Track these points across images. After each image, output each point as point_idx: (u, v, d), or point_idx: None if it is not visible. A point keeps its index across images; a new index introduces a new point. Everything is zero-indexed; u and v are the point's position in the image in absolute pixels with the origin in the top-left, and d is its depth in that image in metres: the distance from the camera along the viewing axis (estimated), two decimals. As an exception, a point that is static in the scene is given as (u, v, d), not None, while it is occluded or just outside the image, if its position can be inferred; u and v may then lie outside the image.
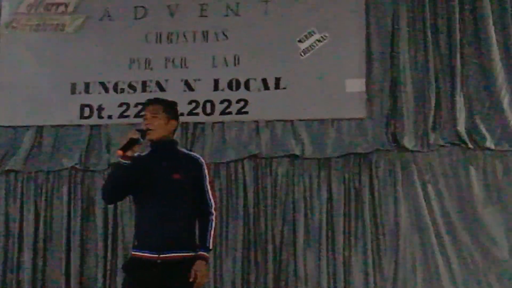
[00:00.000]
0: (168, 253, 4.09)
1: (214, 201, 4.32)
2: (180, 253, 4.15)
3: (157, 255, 4.08)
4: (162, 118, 4.26)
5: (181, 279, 4.12)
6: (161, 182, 4.19)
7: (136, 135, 4.10)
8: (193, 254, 4.23)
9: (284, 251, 6.03)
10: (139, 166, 4.21)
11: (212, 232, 4.25)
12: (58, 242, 6.19)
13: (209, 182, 4.39)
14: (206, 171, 4.40)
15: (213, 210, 4.28)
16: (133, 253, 4.24)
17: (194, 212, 4.38)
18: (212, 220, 4.25)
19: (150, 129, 4.17)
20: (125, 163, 4.12)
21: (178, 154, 4.37)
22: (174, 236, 4.16)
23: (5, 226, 6.24)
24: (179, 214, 4.20)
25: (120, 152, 4.07)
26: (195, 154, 4.61)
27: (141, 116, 4.46)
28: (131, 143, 4.08)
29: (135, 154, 4.23)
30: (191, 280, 4.03)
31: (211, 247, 4.22)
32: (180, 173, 4.21)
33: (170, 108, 4.35)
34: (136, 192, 4.31)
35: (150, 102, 4.48)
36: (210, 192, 4.36)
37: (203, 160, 4.46)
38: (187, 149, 4.85)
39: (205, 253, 4.16)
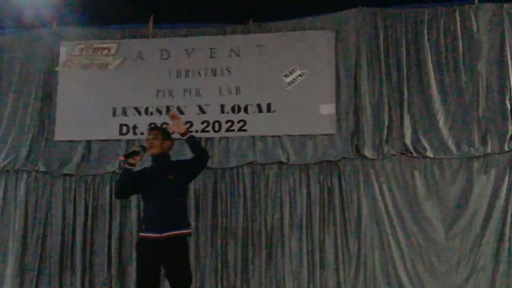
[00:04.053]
0: (168, 232, 4.68)
1: None
2: (177, 231, 4.72)
3: (160, 234, 4.66)
4: (160, 140, 4.92)
5: (179, 251, 4.71)
6: (159, 182, 4.80)
7: (138, 149, 4.85)
8: (186, 231, 4.80)
9: (274, 235, 6.53)
10: (144, 174, 4.91)
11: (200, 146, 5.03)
12: (102, 228, 6.75)
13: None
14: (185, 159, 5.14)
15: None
16: (141, 234, 4.81)
17: (185, 199, 4.99)
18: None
19: (150, 147, 4.89)
20: (129, 168, 4.79)
21: (170, 162, 5.00)
22: (171, 219, 4.73)
23: (62, 217, 6.81)
24: (174, 203, 4.78)
25: (121, 158, 4.83)
26: (180, 158, 5.32)
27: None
28: (133, 153, 4.80)
29: (142, 167, 4.96)
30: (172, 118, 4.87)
31: (192, 135, 4.93)
32: (172, 174, 4.83)
33: (164, 133, 5.03)
34: (143, 191, 4.94)
35: (152, 128, 5.37)
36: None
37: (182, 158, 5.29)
38: (176, 159, 5.38)
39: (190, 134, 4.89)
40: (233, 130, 6.75)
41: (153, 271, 4.71)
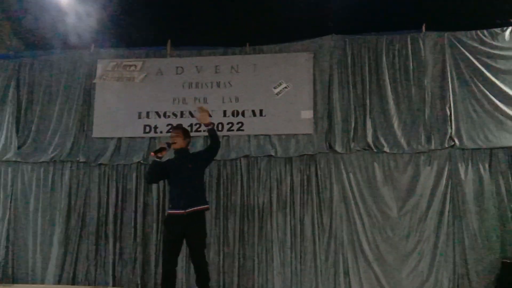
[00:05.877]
0: (190, 209, 5.23)
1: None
2: (196, 207, 5.23)
3: (183, 211, 5.20)
4: (181, 137, 5.45)
5: (197, 222, 5.21)
6: (181, 170, 5.34)
7: (164, 145, 5.40)
8: (204, 206, 5.27)
9: (264, 212, 7.15)
10: (170, 164, 5.44)
11: (216, 137, 5.37)
12: (130, 206, 7.46)
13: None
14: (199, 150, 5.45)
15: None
16: (168, 211, 5.37)
17: (202, 181, 5.44)
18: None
19: (174, 143, 5.44)
20: (157, 160, 5.35)
21: (189, 154, 5.56)
22: (192, 198, 5.25)
23: (98, 197, 7.53)
24: (193, 186, 5.33)
25: (152, 154, 5.44)
26: (196, 151, 5.93)
27: (170, 134, 5.68)
28: (160, 149, 5.36)
29: (167, 159, 5.36)
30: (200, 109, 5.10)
31: (213, 128, 5.31)
32: (191, 164, 5.38)
33: (185, 132, 5.56)
34: (169, 177, 5.47)
35: (175, 127, 5.76)
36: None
37: (198, 150, 5.80)
38: (193, 151, 5.93)
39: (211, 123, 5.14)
40: (233, 130, 7.33)
41: (177, 241, 5.21)
